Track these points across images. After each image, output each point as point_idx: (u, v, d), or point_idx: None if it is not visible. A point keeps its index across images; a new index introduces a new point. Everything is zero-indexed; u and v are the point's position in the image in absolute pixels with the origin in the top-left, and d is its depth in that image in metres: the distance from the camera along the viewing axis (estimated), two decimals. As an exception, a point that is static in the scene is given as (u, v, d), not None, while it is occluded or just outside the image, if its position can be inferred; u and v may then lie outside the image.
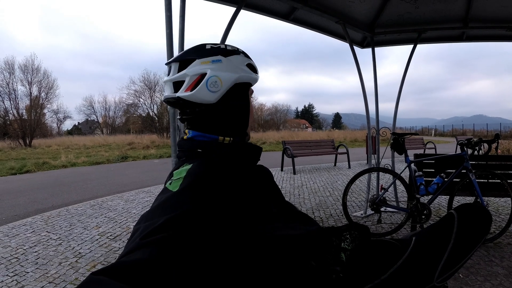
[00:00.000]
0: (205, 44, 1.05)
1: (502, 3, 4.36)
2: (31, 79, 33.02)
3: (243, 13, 3.67)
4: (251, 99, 1.14)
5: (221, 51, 1.03)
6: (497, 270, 3.07)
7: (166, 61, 1.06)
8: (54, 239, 4.15)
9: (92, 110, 57.20)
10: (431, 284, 1.01)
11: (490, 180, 4.03)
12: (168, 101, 1.03)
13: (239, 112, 1.06)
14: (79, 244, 3.96)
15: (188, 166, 0.91)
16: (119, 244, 3.94)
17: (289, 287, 0.89)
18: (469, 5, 4.51)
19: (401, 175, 4.11)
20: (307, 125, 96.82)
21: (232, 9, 3.49)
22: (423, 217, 3.80)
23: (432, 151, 15.04)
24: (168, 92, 1.03)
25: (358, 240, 1.10)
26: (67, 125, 74.55)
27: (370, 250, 1.09)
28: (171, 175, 0.95)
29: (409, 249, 1.04)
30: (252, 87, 1.12)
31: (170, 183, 0.87)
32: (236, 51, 1.07)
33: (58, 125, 48.21)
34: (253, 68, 1.10)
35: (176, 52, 2.69)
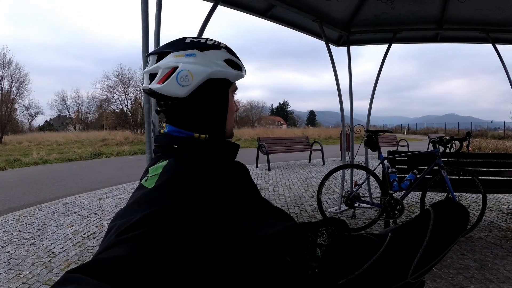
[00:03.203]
0: (185, 38, 1.04)
1: (477, 6, 4.51)
2: (2, 73, 31.79)
3: (220, 8, 3.65)
4: (232, 95, 1.11)
5: (198, 45, 1.02)
6: (469, 263, 3.19)
7: (141, 56, 1.06)
8: (26, 239, 4.02)
9: (65, 105, 55.50)
10: (405, 280, 1.01)
11: (462, 177, 4.17)
12: (145, 91, 1.03)
13: (213, 108, 1.04)
14: (52, 243, 3.86)
15: (164, 162, 0.90)
16: (93, 243, 3.86)
17: (265, 283, 0.90)
18: (445, 7, 4.64)
19: (374, 171, 4.20)
20: (282, 122, 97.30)
21: (209, 5, 3.47)
22: (396, 212, 3.90)
23: (405, 149, 15.42)
24: (145, 83, 1.03)
25: (335, 236, 1.11)
26: (39, 121, 72.24)
27: (346, 245, 1.10)
28: (146, 171, 0.95)
29: (384, 245, 1.04)
30: (236, 85, 1.11)
31: (145, 180, 0.86)
32: (216, 46, 1.05)
33: (30, 121, 46.67)
34: (233, 64, 1.06)
35: (151, 46, 2.65)
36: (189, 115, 1.02)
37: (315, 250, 1.06)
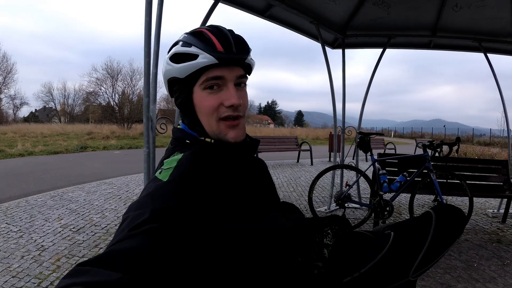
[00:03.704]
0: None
1: (471, 16, 4.65)
2: (-10, 62, 31.02)
3: (218, 6, 3.66)
4: (201, 90, 0.93)
5: (169, 49, 0.99)
6: (456, 263, 3.30)
7: (132, 51, 1.04)
8: (14, 231, 3.98)
9: (51, 97, 54.62)
10: (406, 278, 1.05)
11: (450, 180, 4.28)
12: None
13: (181, 109, 1.00)
14: (41, 237, 3.83)
15: (179, 156, 0.89)
16: (83, 237, 3.84)
17: (274, 284, 0.90)
18: (440, 15, 4.76)
19: (365, 172, 4.27)
20: (269, 121, 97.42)
21: (210, 2, 3.48)
22: (386, 213, 3.98)
23: (392, 152, 15.63)
24: None
25: (339, 235, 1.13)
26: (24, 111, 71.06)
27: (350, 243, 1.11)
28: (161, 163, 0.93)
29: (388, 244, 1.06)
30: (211, 74, 0.91)
31: (160, 172, 0.85)
32: (173, 45, 0.99)
33: (15, 111, 45.91)
34: (180, 57, 0.93)
35: (153, 41, 2.67)
36: (182, 115, 1.03)
37: (322, 250, 1.08)
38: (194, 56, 0.90)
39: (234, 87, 0.94)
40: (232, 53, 0.91)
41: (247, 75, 1.01)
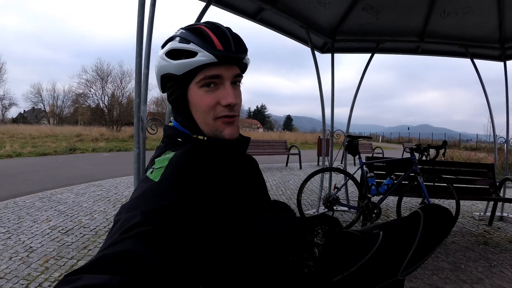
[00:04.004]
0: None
1: (458, 22, 4.76)
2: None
3: (210, 8, 3.67)
4: (197, 88, 0.93)
5: (163, 44, 0.98)
6: (443, 265, 3.36)
7: (121, 52, 1.03)
8: (2, 232, 3.93)
9: (40, 98, 53.71)
10: (395, 277, 1.07)
11: (437, 183, 4.36)
12: None
13: (175, 106, 1.00)
14: (29, 238, 3.78)
15: (170, 154, 0.88)
16: (71, 239, 3.80)
17: (265, 283, 0.90)
18: (427, 21, 4.86)
19: (353, 175, 4.32)
20: (258, 125, 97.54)
21: (202, 4, 3.50)
22: (374, 215, 4.03)
23: (380, 156, 15.78)
24: None
25: (329, 234, 1.16)
26: (12, 112, 70.06)
27: (340, 243, 1.12)
28: (152, 162, 0.92)
29: (378, 243, 1.07)
30: (209, 73, 0.91)
31: (151, 172, 0.83)
32: (170, 38, 0.97)
33: (3, 112, 45.23)
34: (177, 54, 0.92)
35: (145, 40, 2.68)
36: (174, 113, 1.02)
37: (312, 250, 1.08)
38: (192, 54, 0.89)
39: (231, 86, 0.94)
40: (231, 52, 0.91)
41: (242, 74, 1.00)
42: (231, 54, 0.91)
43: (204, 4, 3.49)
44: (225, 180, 0.90)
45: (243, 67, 1.01)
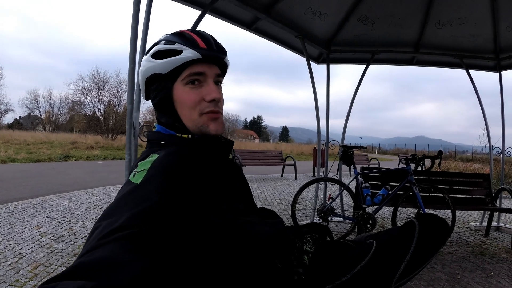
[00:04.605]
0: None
1: (453, 33, 4.79)
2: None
3: (205, 18, 3.68)
4: (182, 85, 0.97)
5: (148, 50, 1.02)
6: (439, 276, 3.32)
7: (118, 60, 1.05)
8: (-8, 238, 3.87)
9: (36, 104, 53.38)
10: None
11: (432, 194, 4.34)
12: None
13: (159, 106, 1.01)
14: (19, 244, 3.72)
15: (154, 157, 0.88)
16: (62, 245, 3.74)
17: (253, 286, 0.88)
18: (422, 32, 4.89)
19: (348, 186, 4.30)
20: (254, 136, 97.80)
21: (197, 13, 3.50)
22: (369, 226, 4.00)
23: (376, 167, 15.80)
24: None
25: (319, 242, 1.13)
26: (8, 118, 69.83)
27: (330, 251, 1.12)
28: (136, 165, 0.91)
29: (371, 253, 1.06)
30: (194, 69, 0.96)
31: (133, 175, 0.83)
32: (153, 45, 1.01)
33: (-1, 117, 44.99)
34: (163, 54, 0.96)
35: (138, 47, 2.67)
36: (158, 115, 1.04)
37: (302, 257, 1.07)
38: (178, 52, 0.94)
39: (214, 84, 0.99)
40: (213, 51, 0.97)
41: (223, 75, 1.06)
42: (213, 53, 0.97)
43: (199, 12, 3.50)
44: (208, 180, 0.90)
45: (223, 68, 1.05)
